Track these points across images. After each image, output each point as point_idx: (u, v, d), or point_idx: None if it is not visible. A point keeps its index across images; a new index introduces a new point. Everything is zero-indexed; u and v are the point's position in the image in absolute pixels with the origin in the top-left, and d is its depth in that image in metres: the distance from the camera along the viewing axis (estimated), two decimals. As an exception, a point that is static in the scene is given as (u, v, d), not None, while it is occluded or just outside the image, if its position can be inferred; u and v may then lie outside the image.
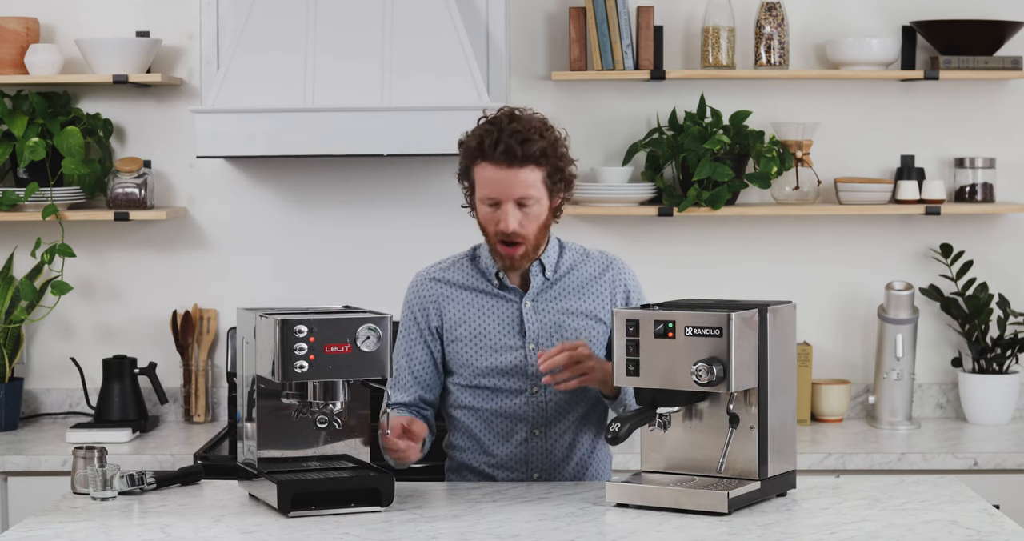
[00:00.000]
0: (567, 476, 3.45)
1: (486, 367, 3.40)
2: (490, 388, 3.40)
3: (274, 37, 4.39)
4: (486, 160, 3.27)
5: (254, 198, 4.80)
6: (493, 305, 3.41)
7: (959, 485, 3.34)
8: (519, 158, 3.25)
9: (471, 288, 3.43)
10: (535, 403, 3.40)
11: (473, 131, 3.33)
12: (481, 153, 3.28)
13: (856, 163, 4.82)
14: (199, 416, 4.76)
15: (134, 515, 3.12)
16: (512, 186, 3.27)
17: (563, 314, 3.41)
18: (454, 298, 3.43)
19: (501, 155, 3.25)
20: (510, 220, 3.28)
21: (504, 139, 3.25)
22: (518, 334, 3.40)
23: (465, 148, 3.33)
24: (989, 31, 4.62)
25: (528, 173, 3.27)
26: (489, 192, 3.29)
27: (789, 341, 3.23)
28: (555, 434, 3.43)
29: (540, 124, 3.31)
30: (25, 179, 4.64)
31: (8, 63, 4.60)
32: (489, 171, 3.28)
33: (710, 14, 4.65)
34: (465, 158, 3.33)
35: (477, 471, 3.46)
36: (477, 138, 3.29)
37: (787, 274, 4.81)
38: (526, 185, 3.27)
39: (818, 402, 4.70)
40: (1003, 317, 4.69)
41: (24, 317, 4.64)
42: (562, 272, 3.44)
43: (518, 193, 3.28)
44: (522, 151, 3.25)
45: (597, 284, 3.45)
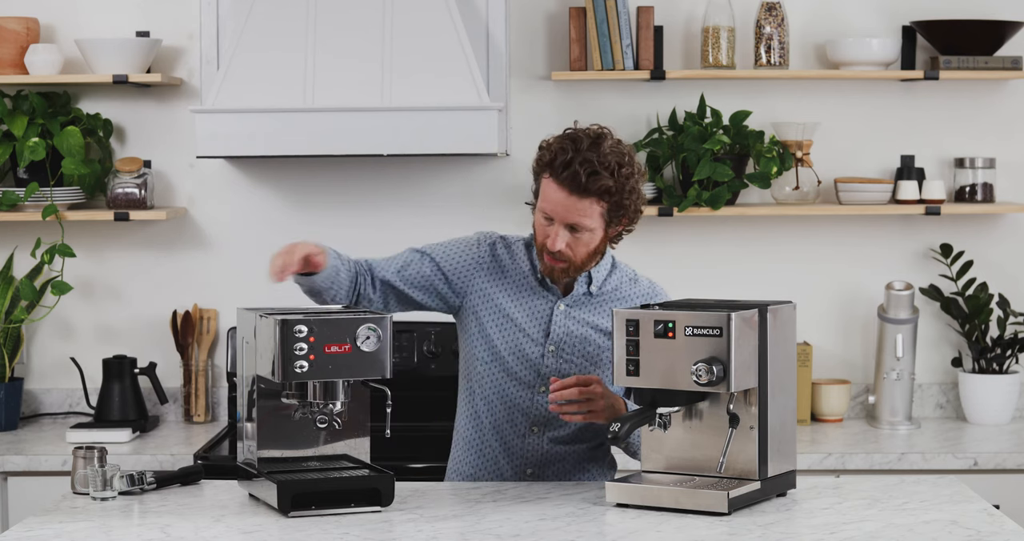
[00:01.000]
0: (558, 478, 3.45)
1: (502, 349, 3.40)
2: (501, 370, 3.41)
3: (274, 37, 4.39)
4: (552, 177, 3.25)
5: (254, 198, 4.80)
6: (529, 297, 3.42)
7: (959, 485, 3.34)
8: (581, 189, 3.22)
9: (519, 273, 3.43)
10: (538, 402, 3.41)
11: (555, 140, 3.29)
12: (551, 168, 3.25)
13: (856, 163, 4.82)
14: (199, 416, 4.76)
15: (134, 515, 3.12)
16: (568, 211, 3.25)
17: (591, 328, 3.41)
18: (498, 274, 3.43)
19: (566, 179, 3.22)
20: (558, 241, 3.28)
21: (575, 165, 3.21)
22: (542, 332, 3.40)
23: (539, 157, 3.30)
24: (989, 31, 4.62)
25: (588, 205, 3.25)
26: (547, 207, 3.28)
27: (789, 341, 3.23)
28: (551, 437, 3.43)
29: (617, 159, 3.24)
30: (25, 179, 4.64)
31: (8, 63, 4.60)
32: (553, 189, 3.25)
33: (710, 14, 4.65)
34: (537, 165, 3.31)
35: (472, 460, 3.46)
36: (553, 152, 3.25)
37: (787, 274, 4.81)
38: (581, 214, 3.25)
39: (818, 402, 4.70)
40: (1003, 317, 4.69)
41: (24, 317, 4.64)
42: (606, 290, 3.44)
43: (572, 220, 3.26)
44: (586, 184, 3.21)
45: (628, 299, 3.46)
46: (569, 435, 3.44)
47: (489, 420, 3.44)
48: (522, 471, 3.45)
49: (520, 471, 3.45)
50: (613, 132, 3.30)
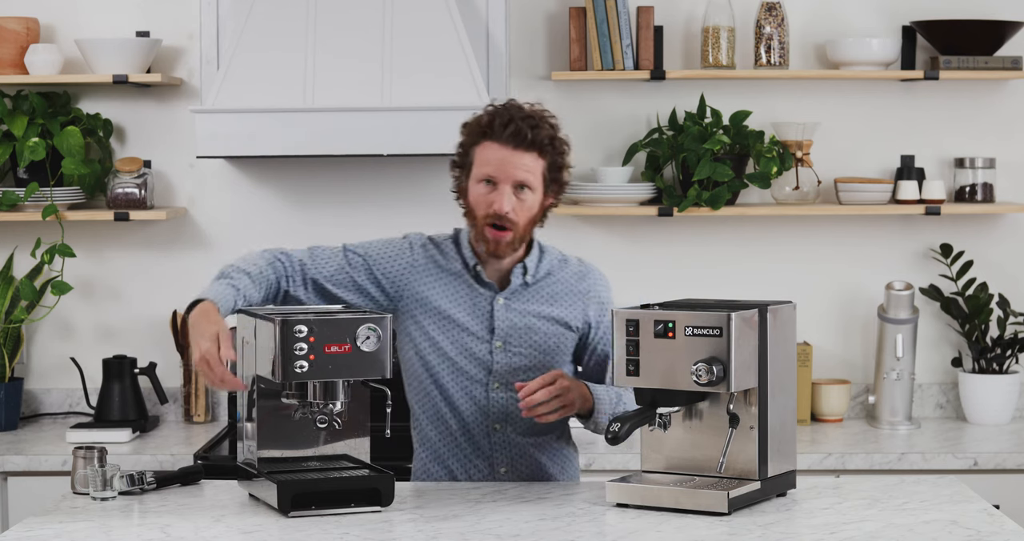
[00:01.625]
0: (532, 472, 3.45)
1: (449, 350, 3.39)
2: (451, 371, 3.39)
3: (274, 37, 4.39)
4: (493, 139, 3.29)
5: (254, 198, 4.80)
6: (467, 295, 3.41)
7: (959, 485, 3.34)
8: (527, 141, 3.28)
9: (450, 271, 3.42)
10: (495, 399, 3.40)
11: (480, 114, 3.36)
12: (490, 131, 3.30)
13: (856, 163, 4.82)
14: (199, 416, 4.76)
15: (134, 515, 3.12)
16: (516, 167, 3.29)
17: (534, 317, 3.41)
18: (433, 275, 3.42)
19: (510, 136, 3.28)
20: (505, 201, 3.28)
21: (516, 121, 3.29)
22: (486, 329, 3.40)
23: (471, 127, 3.35)
24: (989, 31, 4.62)
25: (532, 159, 3.30)
26: (490, 171, 3.29)
27: (789, 341, 3.22)
28: (517, 430, 3.42)
29: (549, 118, 3.36)
30: (25, 179, 4.64)
31: (8, 63, 4.60)
32: (493, 150, 3.29)
33: (710, 14, 4.65)
34: (469, 136, 3.35)
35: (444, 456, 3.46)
36: (487, 117, 3.32)
37: (787, 274, 4.81)
38: (527, 170, 3.29)
39: (818, 402, 4.70)
40: (1003, 317, 4.69)
41: (24, 317, 4.64)
42: (539, 276, 3.44)
43: (518, 176, 3.29)
44: (532, 135, 3.28)
45: (572, 293, 3.45)
46: (534, 426, 3.43)
47: (454, 421, 3.43)
48: (496, 470, 3.44)
49: (494, 470, 3.44)
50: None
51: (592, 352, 3.48)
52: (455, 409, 3.42)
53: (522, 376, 3.39)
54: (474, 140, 3.34)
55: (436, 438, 3.45)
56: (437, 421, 3.44)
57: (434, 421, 3.45)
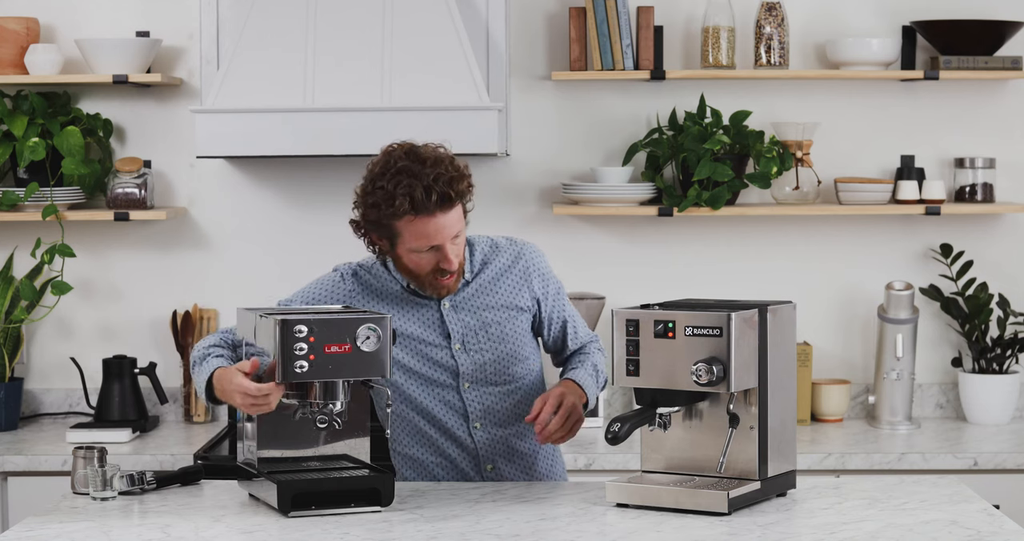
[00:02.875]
0: (519, 467, 3.46)
1: (414, 365, 3.39)
2: (422, 383, 3.39)
3: (274, 37, 4.39)
4: (421, 214, 3.20)
5: (254, 198, 4.80)
6: (412, 309, 3.40)
7: (959, 485, 3.34)
8: (450, 201, 3.22)
9: (389, 293, 3.40)
10: (469, 399, 3.41)
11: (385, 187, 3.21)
12: (415, 209, 3.19)
13: (856, 163, 4.82)
14: (199, 416, 4.76)
15: (134, 515, 3.13)
16: (449, 228, 3.24)
17: (484, 310, 3.41)
18: (374, 299, 3.41)
19: (435, 205, 3.20)
20: (453, 259, 3.27)
21: (433, 187, 3.19)
22: (442, 335, 3.39)
23: (386, 207, 3.21)
24: (989, 31, 4.62)
25: (456, 211, 3.26)
26: (427, 241, 3.24)
27: (789, 341, 3.23)
28: (497, 425, 3.43)
29: (446, 156, 3.26)
30: (25, 179, 4.64)
31: (8, 63, 4.60)
32: (423, 223, 3.21)
33: (710, 14, 4.65)
34: (386, 216, 3.22)
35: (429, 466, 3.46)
36: (405, 196, 3.19)
37: (787, 274, 4.81)
38: (456, 221, 3.26)
39: (818, 402, 4.70)
40: (1003, 317, 4.69)
41: (24, 317, 4.64)
42: (476, 271, 3.43)
43: (454, 232, 3.26)
44: (454, 192, 3.21)
45: (511, 274, 3.44)
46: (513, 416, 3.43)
47: (433, 430, 3.43)
48: (483, 468, 3.45)
49: (481, 468, 3.45)
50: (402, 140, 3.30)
51: (550, 324, 3.49)
52: (433, 420, 3.41)
53: (490, 370, 3.39)
54: (396, 216, 3.22)
55: (419, 454, 3.45)
56: (417, 437, 3.44)
57: (414, 437, 3.44)
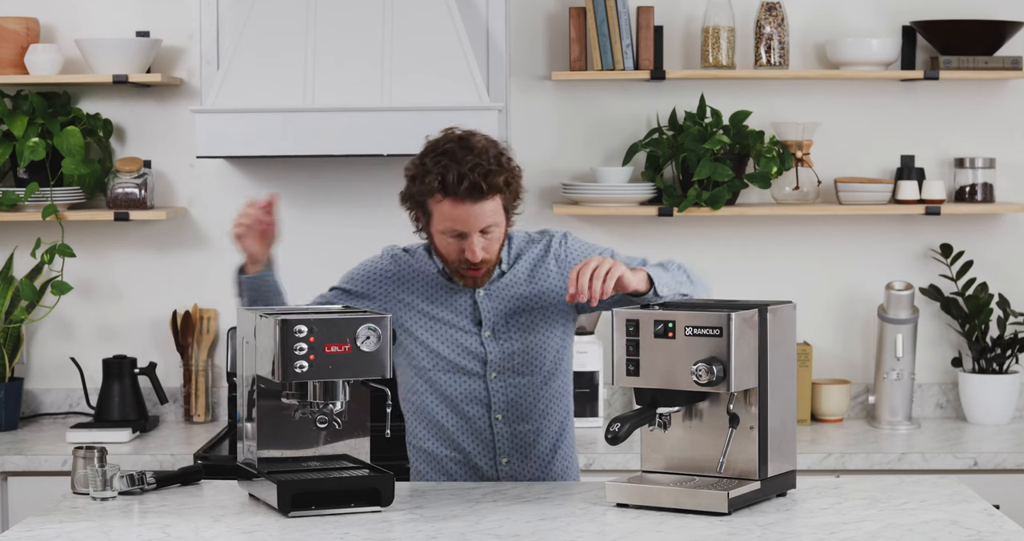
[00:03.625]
0: (535, 462, 3.46)
1: (442, 350, 3.41)
2: (448, 370, 3.41)
3: (274, 37, 4.39)
4: (448, 195, 3.22)
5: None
6: (446, 294, 3.42)
7: (959, 485, 3.34)
8: (483, 192, 3.22)
9: (428, 276, 3.43)
10: (494, 389, 3.41)
11: (424, 163, 3.25)
12: (444, 190, 3.21)
13: (856, 163, 4.82)
14: (199, 416, 4.76)
15: (134, 515, 3.12)
16: (479, 218, 3.24)
17: (517, 300, 3.42)
18: (412, 280, 3.44)
19: (465, 192, 3.21)
20: (477, 251, 3.27)
21: (467, 175, 3.20)
22: (473, 322, 3.41)
23: (419, 182, 3.26)
24: (989, 31, 4.62)
25: (491, 204, 3.25)
26: (454, 226, 3.26)
27: (789, 341, 3.23)
28: (518, 419, 3.43)
29: (495, 150, 3.26)
30: (25, 179, 4.64)
31: (8, 63, 4.60)
32: (451, 206, 3.23)
33: (710, 14, 4.65)
34: (420, 192, 3.26)
35: (443, 461, 3.46)
36: (437, 175, 3.21)
37: (787, 274, 4.81)
38: (490, 215, 3.25)
39: (818, 402, 4.70)
40: (1003, 317, 4.69)
41: (24, 317, 4.64)
42: (512, 262, 3.44)
43: (483, 224, 3.26)
44: (487, 185, 3.21)
45: (543, 265, 3.45)
46: (533, 414, 3.43)
47: (453, 421, 3.43)
48: (498, 461, 3.45)
49: (496, 461, 3.45)
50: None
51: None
52: (455, 408, 3.42)
53: (518, 360, 3.40)
54: (427, 194, 3.26)
55: (435, 447, 3.46)
56: (434, 429, 3.45)
57: (431, 430, 3.45)
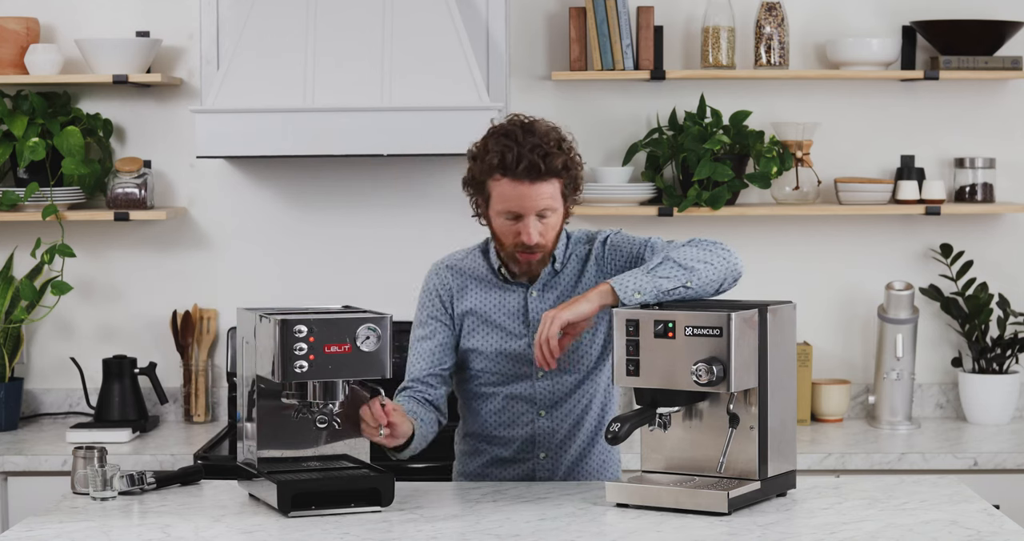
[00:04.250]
0: (572, 455, 3.47)
1: (492, 352, 3.43)
2: (496, 372, 3.43)
3: (274, 37, 4.39)
4: (507, 175, 3.26)
5: (254, 198, 4.80)
6: (499, 295, 3.44)
7: (959, 485, 3.34)
8: (542, 173, 3.25)
9: (480, 278, 3.46)
10: (540, 387, 3.43)
11: (487, 144, 3.31)
12: (503, 168, 3.26)
13: (856, 163, 4.82)
14: (199, 416, 4.76)
15: (134, 515, 3.12)
16: (535, 199, 3.28)
17: (565, 301, 3.41)
18: (465, 286, 3.46)
19: (524, 171, 3.24)
20: (533, 233, 3.29)
21: (526, 155, 3.24)
22: (522, 323, 3.42)
23: (480, 162, 3.31)
24: (989, 31, 4.62)
25: (550, 187, 3.29)
26: (511, 206, 3.29)
27: (789, 341, 3.22)
28: (560, 414, 3.45)
29: (556, 135, 3.31)
30: (25, 179, 4.64)
31: (8, 63, 4.60)
32: (509, 186, 3.27)
33: (710, 14, 4.65)
34: (480, 168, 3.31)
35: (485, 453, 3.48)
36: (497, 154, 3.26)
37: (787, 274, 4.81)
38: (547, 197, 3.29)
39: (818, 402, 4.70)
40: (1003, 317, 4.69)
41: (24, 317, 4.64)
42: (566, 261, 3.46)
43: (540, 206, 3.29)
44: (546, 166, 3.25)
45: (587, 268, 3.45)
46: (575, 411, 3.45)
47: (495, 417, 3.45)
48: (536, 455, 3.46)
49: (534, 454, 3.46)
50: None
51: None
52: (499, 405, 3.44)
53: (563, 360, 3.40)
54: (487, 175, 3.31)
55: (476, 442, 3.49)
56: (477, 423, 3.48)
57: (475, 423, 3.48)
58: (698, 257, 3.25)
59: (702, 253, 3.26)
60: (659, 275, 3.20)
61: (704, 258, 3.25)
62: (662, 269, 3.22)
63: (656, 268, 3.22)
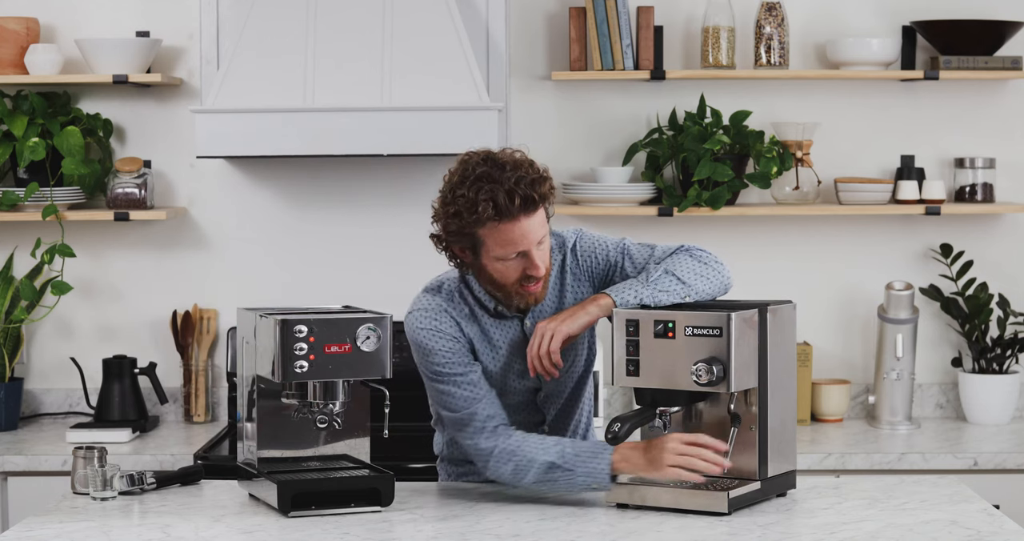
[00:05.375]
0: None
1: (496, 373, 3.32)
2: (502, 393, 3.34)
3: (274, 37, 4.39)
4: (505, 220, 3.11)
5: (254, 198, 4.80)
6: (496, 328, 3.32)
7: (959, 485, 3.34)
8: (533, 204, 3.13)
9: (472, 317, 3.31)
10: (546, 407, 3.40)
11: (466, 195, 3.12)
12: (499, 214, 3.10)
13: (856, 163, 4.82)
14: (199, 416, 4.76)
15: (134, 515, 3.13)
16: (535, 232, 3.15)
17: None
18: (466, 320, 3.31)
19: (520, 207, 3.11)
20: (540, 265, 3.17)
21: (516, 190, 3.10)
22: (521, 357, 3.31)
23: (467, 215, 3.12)
24: (989, 31, 4.62)
25: (540, 214, 3.17)
26: (517, 247, 3.14)
27: (789, 341, 3.23)
28: (560, 419, 3.43)
29: (526, 159, 3.17)
30: (25, 179, 4.64)
31: (8, 63, 4.60)
32: (508, 228, 3.12)
33: (710, 14, 4.65)
34: (469, 225, 3.13)
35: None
36: (488, 202, 3.10)
37: (787, 274, 4.81)
38: (541, 225, 3.17)
39: (818, 402, 4.70)
40: (1003, 317, 4.69)
41: (24, 317, 4.64)
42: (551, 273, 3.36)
43: (540, 235, 3.16)
44: (536, 194, 3.13)
45: (564, 281, 3.35)
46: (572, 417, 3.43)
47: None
48: None
49: None
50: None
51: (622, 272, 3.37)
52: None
53: (562, 377, 3.36)
54: (478, 225, 3.13)
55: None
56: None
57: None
58: (697, 271, 3.27)
59: (700, 267, 3.28)
60: (659, 289, 3.21)
61: (702, 272, 3.27)
62: (662, 282, 3.22)
63: (656, 281, 3.22)
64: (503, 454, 3.20)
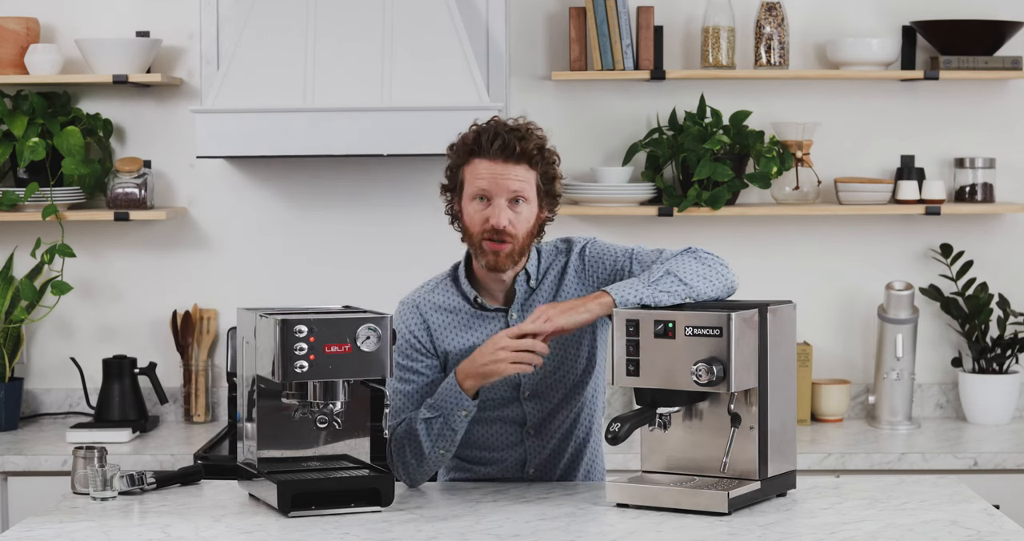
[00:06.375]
0: (561, 469, 3.45)
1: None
2: (484, 399, 3.34)
3: (274, 37, 4.39)
4: (481, 156, 3.25)
5: (254, 198, 4.80)
6: (479, 323, 3.36)
7: (959, 485, 3.34)
8: (516, 153, 3.24)
9: (454, 310, 3.36)
10: (529, 408, 3.39)
11: (465, 135, 3.32)
12: (477, 148, 3.25)
13: (856, 163, 4.82)
14: (199, 416, 4.76)
15: (134, 515, 3.13)
16: (507, 179, 3.24)
17: None
18: (440, 320, 3.37)
19: (497, 150, 3.23)
20: (501, 215, 3.23)
21: (502, 134, 3.24)
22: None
23: (457, 148, 3.31)
24: (989, 31, 4.62)
25: (523, 171, 3.25)
26: (483, 185, 3.24)
27: (789, 341, 3.23)
28: (549, 432, 3.41)
29: (537, 131, 3.30)
30: (25, 179, 4.64)
31: (8, 63, 4.60)
32: (483, 166, 3.25)
33: (710, 14, 4.65)
34: (456, 157, 3.30)
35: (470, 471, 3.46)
36: (473, 135, 3.28)
37: (787, 274, 4.81)
38: (520, 180, 3.25)
39: (818, 402, 4.71)
40: (1003, 317, 4.69)
41: (24, 317, 4.64)
42: (541, 277, 3.39)
43: (512, 187, 3.23)
44: (520, 147, 3.24)
45: (564, 281, 3.37)
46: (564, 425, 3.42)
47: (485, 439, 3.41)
48: (525, 471, 3.44)
49: (523, 471, 3.44)
50: None
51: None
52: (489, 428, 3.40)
53: (551, 379, 3.36)
54: (462, 160, 3.29)
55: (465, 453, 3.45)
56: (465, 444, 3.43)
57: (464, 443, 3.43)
58: (699, 272, 3.26)
59: (702, 268, 3.28)
60: (660, 289, 3.21)
61: (704, 273, 3.27)
62: (663, 283, 3.22)
63: (657, 281, 3.22)
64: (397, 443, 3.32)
